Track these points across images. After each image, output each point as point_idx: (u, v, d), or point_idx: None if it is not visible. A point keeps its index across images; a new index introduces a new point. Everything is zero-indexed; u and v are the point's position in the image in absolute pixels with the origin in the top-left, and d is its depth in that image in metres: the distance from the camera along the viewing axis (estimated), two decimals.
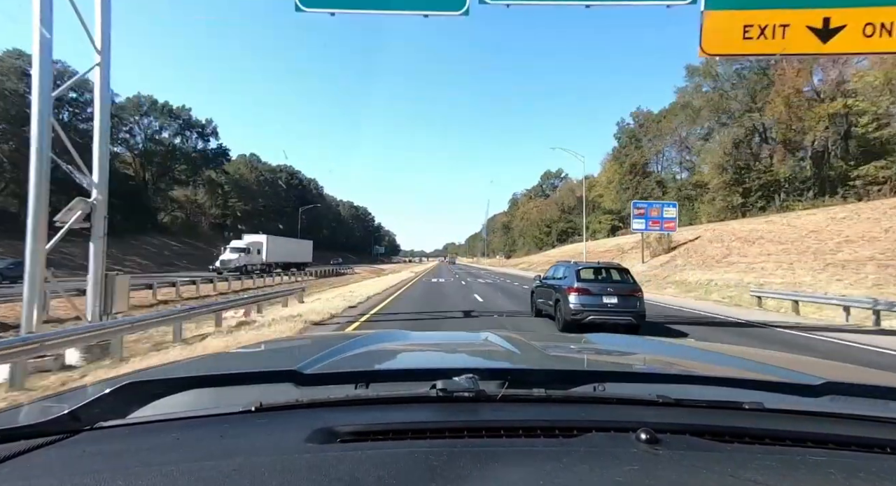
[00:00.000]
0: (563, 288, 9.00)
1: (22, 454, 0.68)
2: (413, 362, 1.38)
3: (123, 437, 0.75)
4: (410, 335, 1.87)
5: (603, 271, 9.62)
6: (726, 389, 0.96)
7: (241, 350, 2.03)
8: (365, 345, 1.43)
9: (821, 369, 1.21)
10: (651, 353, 1.63)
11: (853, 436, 0.76)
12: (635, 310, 8.58)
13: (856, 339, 8.74)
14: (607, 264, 10.03)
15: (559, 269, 10.16)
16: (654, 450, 0.66)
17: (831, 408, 0.89)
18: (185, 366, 1.25)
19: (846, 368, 1.45)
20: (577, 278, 8.79)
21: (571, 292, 8.68)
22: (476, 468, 0.60)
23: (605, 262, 10.72)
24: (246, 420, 0.79)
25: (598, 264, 9.98)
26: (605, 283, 9.07)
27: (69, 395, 0.91)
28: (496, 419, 0.79)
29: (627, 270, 9.62)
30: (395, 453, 0.65)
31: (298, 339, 3.25)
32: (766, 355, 1.76)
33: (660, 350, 1.71)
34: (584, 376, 1.00)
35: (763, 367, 1.28)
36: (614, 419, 0.79)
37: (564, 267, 9.89)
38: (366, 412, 0.83)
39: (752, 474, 0.59)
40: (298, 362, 1.00)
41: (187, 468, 0.60)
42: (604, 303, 8.52)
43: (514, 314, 11.81)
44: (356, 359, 1.23)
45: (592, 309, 8.44)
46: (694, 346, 1.75)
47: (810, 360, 1.53)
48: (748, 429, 0.77)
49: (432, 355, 1.54)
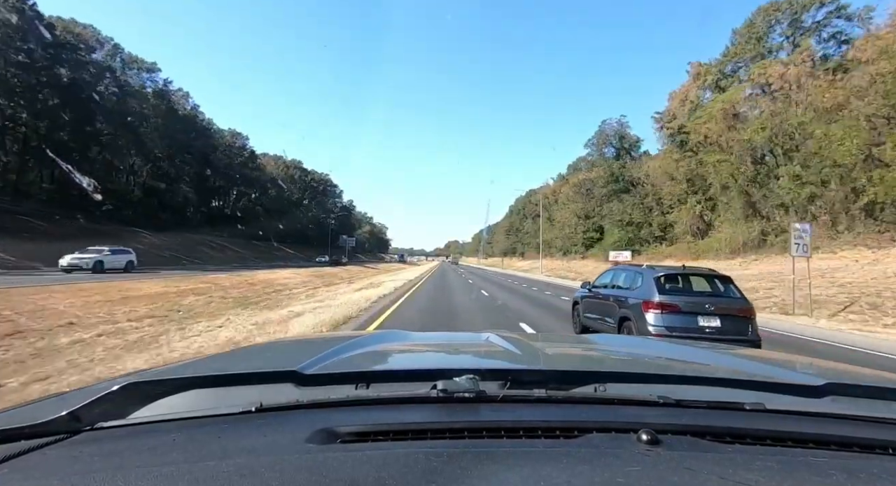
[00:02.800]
0: (636, 302, 6.34)
1: (22, 454, 0.68)
2: (414, 363, 1.38)
3: (123, 437, 0.75)
4: (411, 336, 1.87)
5: (695, 279, 6.90)
6: (727, 389, 0.96)
7: (242, 350, 2.04)
8: (365, 345, 1.43)
9: (822, 370, 1.21)
10: (652, 353, 1.63)
11: (855, 437, 0.75)
12: (746, 337, 5.90)
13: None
14: (700, 271, 7.06)
15: (623, 274, 7.32)
16: (655, 451, 0.66)
17: (833, 409, 0.89)
18: (186, 366, 1.25)
19: (847, 369, 1.45)
20: (659, 289, 6.14)
21: (650, 308, 6.06)
22: (477, 469, 0.60)
23: (693, 266, 7.70)
24: (246, 421, 0.79)
25: (688, 270, 6.93)
26: (701, 297, 6.34)
27: (69, 395, 0.91)
28: (497, 420, 0.79)
29: (730, 279, 6.53)
30: (396, 453, 0.65)
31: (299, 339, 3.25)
32: (766, 355, 1.76)
33: (661, 351, 1.71)
34: (584, 377, 0.99)
35: (764, 367, 1.28)
36: (615, 420, 0.79)
37: (634, 272, 6.95)
38: (366, 413, 0.83)
39: (754, 475, 0.59)
40: (299, 362, 1.00)
41: (187, 469, 0.60)
42: (700, 326, 5.87)
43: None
44: (357, 359, 1.23)
45: (683, 334, 5.62)
46: (694, 346, 1.75)
47: (811, 360, 1.53)
48: (749, 430, 0.77)
49: (433, 355, 1.53)
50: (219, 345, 6.79)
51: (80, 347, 6.81)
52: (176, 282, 18.24)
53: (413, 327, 8.86)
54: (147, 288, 15.24)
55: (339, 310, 10.73)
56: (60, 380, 4.96)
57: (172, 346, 7.00)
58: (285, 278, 25.04)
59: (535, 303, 15.05)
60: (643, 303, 6.17)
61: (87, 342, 7.16)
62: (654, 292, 6.12)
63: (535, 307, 13.60)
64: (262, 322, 9.31)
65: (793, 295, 12.24)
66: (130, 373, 1.11)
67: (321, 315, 9.89)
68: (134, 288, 14.91)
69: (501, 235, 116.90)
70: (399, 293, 16.70)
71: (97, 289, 13.87)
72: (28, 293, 11.86)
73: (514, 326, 9.28)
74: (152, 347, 6.96)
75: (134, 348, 6.82)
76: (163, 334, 8.13)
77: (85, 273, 21.59)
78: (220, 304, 13.14)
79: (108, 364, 5.66)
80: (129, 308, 10.94)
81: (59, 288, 13.56)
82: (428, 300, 14.77)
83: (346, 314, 10.16)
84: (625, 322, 6.53)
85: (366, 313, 10.98)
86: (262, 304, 13.62)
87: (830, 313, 11.71)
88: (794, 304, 12.14)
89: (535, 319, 10.85)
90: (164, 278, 20.64)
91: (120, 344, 7.08)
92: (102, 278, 18.86)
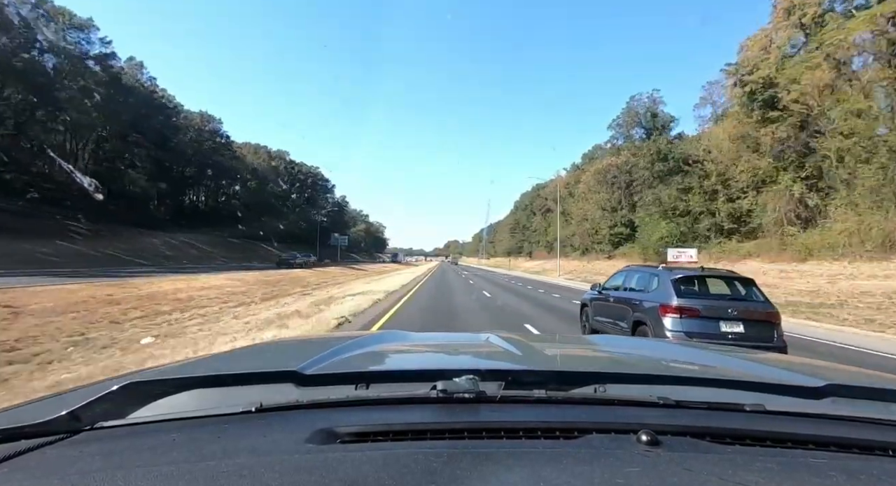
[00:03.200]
0: (652, 306, 5.96)
1: (21, 453, 0.68)
2: (414, 363, 1.38)
3: (123, 437, 0.75)
4: (411, 336, 1.87)
5: (714, 282, 6.50)
6: (727, 390, 0.96)
7: (242, 350, 2.04)
8: (366, 345, 1.43)
9: (822, 371, 1.21)
10: (652, 354, 1.63)
11: (855, 438, 0.76)
12: (772, 344, 5.47)
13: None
14: (719, 273, 6.59)
15: (637, 275, 6.98)
16: (654, 452, 0.66)
17: (833, 410, 0.89)
18: (186, 366, 1.25)
19: (847, 370, 1.45)
20: (677, 292, 5.74)
21: (668, 312, 5.65)
22: (476, 470, 0.60)
23: (710, 268, 7.08)
24: (246, 421, 0.79)
25: (707, 272, 6.49)
26: (722, 301, 5.96)
27: (69, 395, 0.91)
28: (496, 420, 0.79)
29: (753, 281, 6.15)
30: (396, 454, 0.65)
31: (299, 339, 3.26)
32: (766, 356, 1.77)
33: (660, 351, 1.71)
34: (584, 377, 1.00)
35: (764, 368, 1.28)
36: (615, 421, 0.79)
37: (649, 273, 6.57)
38: (366, 413, 0.83)
39: (754, 476, 0.59)
40: (299, 362, 1.00)
41: (187, 469, 0.60)
42: (722, 331, 5.49)
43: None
44: (357, 360, 1.23)
45: (704, 340, 5.13)
46: (695, 347, 1.76)
47: (811, 362, 1.53)
48: (749, 431, 0.77)
49: (433, 355, 1.54)
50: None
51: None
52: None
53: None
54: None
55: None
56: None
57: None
58: (199, 289, 17.45)
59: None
60: (660, 307, 5.78)
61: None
62: (672, 294, 5.72)
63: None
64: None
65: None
66: (131, 373, 1.11)
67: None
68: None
69: (505, 234, 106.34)
70: (369, 317, 10.94)
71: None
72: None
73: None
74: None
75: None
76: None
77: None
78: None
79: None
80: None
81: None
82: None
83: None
84: (639, 326, 6.23)
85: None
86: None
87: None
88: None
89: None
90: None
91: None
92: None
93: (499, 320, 11.13)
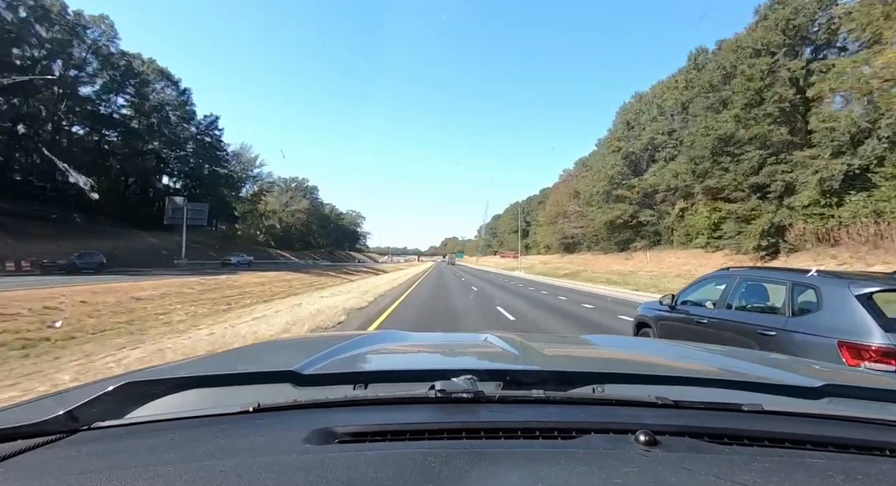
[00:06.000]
0: (817, 341, 3.04)
1: (19, 453, 0.68)
2: (412, 363, 1.38)
3: (121, 437, 0.75)
4: (410, 336, 1.87)
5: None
6: (725, 390, 0.96)
7: (240, 350, 2.04)
8: (364, 345, 1.43)
9: (819, 372, 1.22)
10: (650, 354, 1.63)
11: (852, 438, 0.76)
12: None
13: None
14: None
15: (747, 284, 4.13)
16: (652, 452, 0.66)
17: (830, 410, 0.89)
18: (184, 366, 1.25)
19: (845, 370, 1.46)
20: (877, 320, 2.83)
21: (867, 357, 2.76)
22: (474, 470, 0.60)
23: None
24: (244, 421, 0.79)
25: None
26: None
27: (66, 394, 0.91)
28: (494, 421, 0.79)
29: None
30: (394, 454, 0.65)
31: (297, 339, 3.26)
32: (765, 357, 1.77)
33: (659, 351, 1.72)
34: (582, 378, 1.00)
35: (762, 369, 1.28)
36: (613, 421, 0.79)
37: (791, 282, 3.51)
38: (364, 413, 0.83)
39: (751, 476, 0.59)
40: (297, 362, 1.00)
41: (184, 469, 0.60)
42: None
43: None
44: (355, 360, 1.23)
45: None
46: (693, 347, 1.76)
47: (809, 362, 1.53)
48: (747, 431, 0.77)
49: (431, 356, 1.54)
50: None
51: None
52: None
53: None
54: None
55: None
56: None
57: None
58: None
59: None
60: (841, 345, 2.92)
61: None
62: (869, 324, 2.88)
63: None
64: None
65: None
66: (128, 372, 1.11)
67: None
68: None
69: (544, 227, 72.29)
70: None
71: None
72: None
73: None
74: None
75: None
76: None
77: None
78: None
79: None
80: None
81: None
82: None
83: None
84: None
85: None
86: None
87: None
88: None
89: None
90: None
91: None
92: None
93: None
